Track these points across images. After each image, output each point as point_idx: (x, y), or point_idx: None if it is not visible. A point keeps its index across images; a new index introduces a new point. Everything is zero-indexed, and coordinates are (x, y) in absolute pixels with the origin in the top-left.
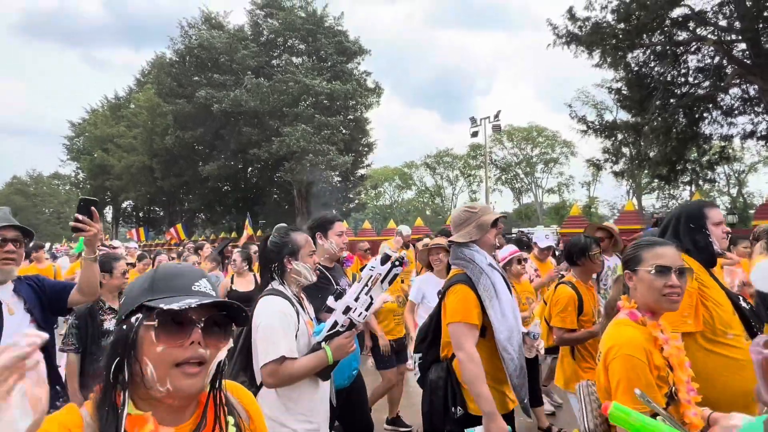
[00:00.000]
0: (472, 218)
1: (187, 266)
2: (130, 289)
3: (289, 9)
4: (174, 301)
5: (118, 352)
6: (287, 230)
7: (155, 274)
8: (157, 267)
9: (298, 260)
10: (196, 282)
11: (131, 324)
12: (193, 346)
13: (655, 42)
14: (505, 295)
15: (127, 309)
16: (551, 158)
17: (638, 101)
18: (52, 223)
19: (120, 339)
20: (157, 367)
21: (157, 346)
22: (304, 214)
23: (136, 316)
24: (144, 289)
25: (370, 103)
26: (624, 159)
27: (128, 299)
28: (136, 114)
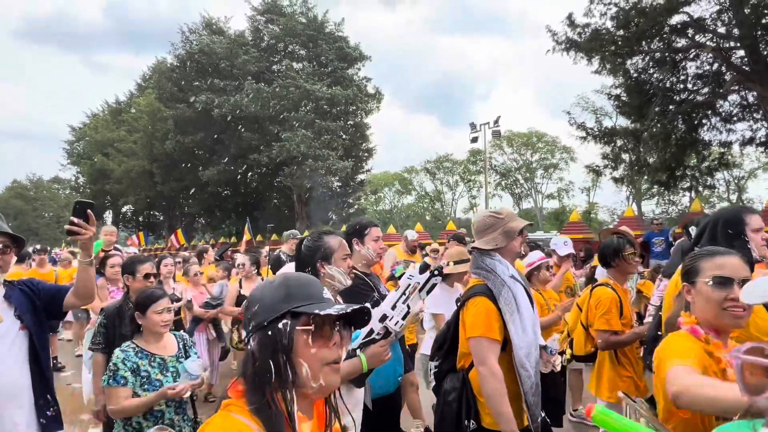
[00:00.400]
0: (497, 224)
1: (311, 277)
2: (260, 296)
3: (290, 15)
4: (322, 308)
5: (275, 355)
6: (320, 234)
7: (288, 282)
8: (286, 276)
9: (332, 264)
10: (323, 290)
11: (280, 329)
12: (336, 347)
13: (654, 49)
14: (527, 310)
15: (269, 315)
16: (551, 164)
17: (637, 107)
18: (52, 228)
19: (272, 343)
20: (312, 367)
21: (312, 348)
22: (303, 219)
23: (283, 321)
24: (282, 296)
25: (370, 109)
26: (623, 165)
27: (264, 306)
28: (136, 118)
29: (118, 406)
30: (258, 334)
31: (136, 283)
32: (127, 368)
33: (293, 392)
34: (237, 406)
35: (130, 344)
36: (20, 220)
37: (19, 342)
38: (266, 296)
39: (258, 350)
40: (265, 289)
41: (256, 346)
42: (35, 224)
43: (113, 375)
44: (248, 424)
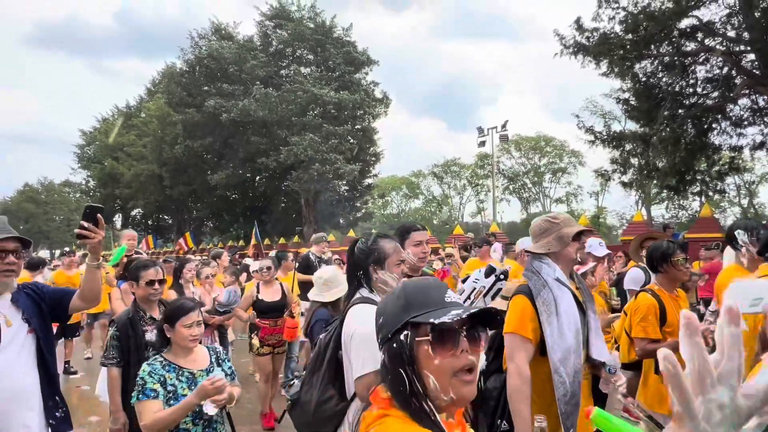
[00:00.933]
0: (552, 229)
1: (432, 279)
2: (384, 307)
3: (298, 20)
4: (439, 315)
5: (402, 368)
6: (375, 237)
7: (406, 290)
8: (405, 284)
9: (385, 269)
10: (446, 294)
11: (402, 341)
12: (464, 355)
13: (663, 52)
14: (569, 314)
15: (391, 327)
16: (559, 168)
17: (646, 111)
18: (63, 231)
19: (397, 356)
20: (438, 379)
21: (434, 359)
22: (311, 222)
23: (404, 333)
24: (401, 306)
25: (377, 113)
26: (632, 169)
27: (387, 318)
28: (146, 123)
29: (151, 420)
30: (385, 346)
31: (140, 291)
32: (155, 380)
33: (428, 403)
34: (394, 413)
35: (157, 357)
36: (31, 223)
37: (28, 345)
38: (388, 307)
39: (388, 362)
40: (388, 299)
41: (386, 358)
42: (46, 227)
43: (141, 389)
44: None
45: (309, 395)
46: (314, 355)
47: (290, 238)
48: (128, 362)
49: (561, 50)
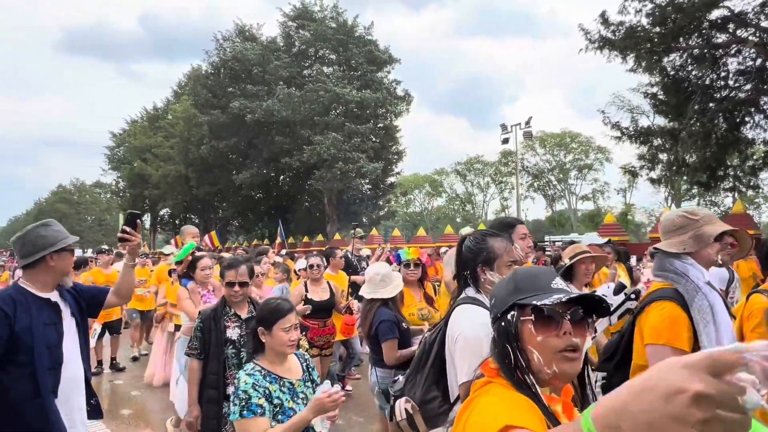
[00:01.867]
0: (690, 226)
1: (542, 268)
2: (497, 290)
3: (321, 20)
4: (542, 298)
5: (508, 344)
6: (484, 235)
7: (516, 275)
8: (517, 270)
9: (494, 270)
10: (553, 281)
11: (509, 320)
12: (566, 336)
13: (692, 45)
14: (725, 324)
15: (501, 308)
16: (585, 164)
17: (675, 106)
18: (95, 230)
19: (504, 333)
20: (542, 354)
21: (537, 336)
22: (334, 221)
23: (511, 313)
24: (510, 289)
25: (399, 111)
26: (661, 165)
27: (498, 299)
28: (173, 124)
29: None
30: (495, 324)
31: (222, 291)
32: (260, 394)
33: (530, 376)
34: (499, 382)
35: (255, 366)
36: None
37: (76, 337)
38: (500, 290)
39: (497, 338)
40: (500, 283)
41: (495, 334)
42: (78, 227)
43: (246, 405)
44: (516, 395)
45: (412, 393)
46: (418, 353)
47: (314, 237)
48: (207, 356)
49: (586, 45)
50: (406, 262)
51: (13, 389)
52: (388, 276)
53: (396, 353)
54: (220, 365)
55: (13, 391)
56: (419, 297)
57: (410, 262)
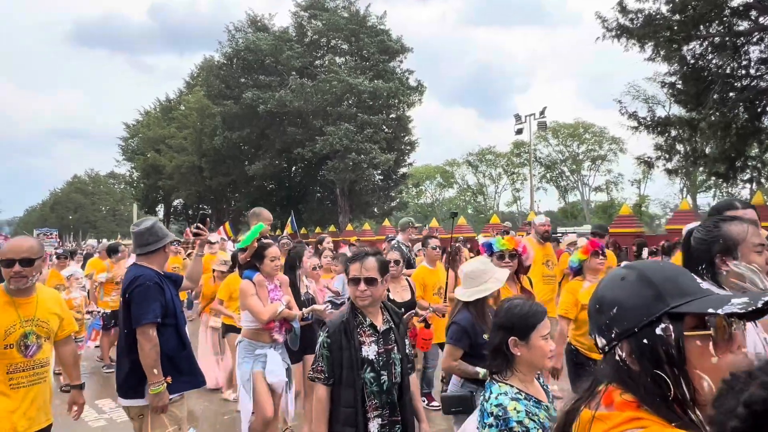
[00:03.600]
0: None
1: (673, 265)
2: (615, 296)
3: (333, 10)
4: (713, 304)
5: (661, 368)
6: (716, 222)
7: (648, 275)
8: (641, 269)
9: (738, 259)
10: (696, 280)
11: (660, 336)
12: (740, 351)
13: (713, 33)
14: None
15: (639, 320)
16: (598, 155)
17: (694, 95)
18: (108, 220)
19: (652, 353)
20: (715, 379)
21: (712, 356)
22: (346, 212)
23: (661, 326)
24: (650, 294)
25: (412, 102)
26: (678, 156)
27: (627, 309)
28: (186, 115)
29: None
30: (628, 341)
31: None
32: (537, 425)
33: (697, 412)
34: (649, 417)
35: (510, 388)
36: (80, 213)
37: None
38: (625, 295)
39: (634, 361)
40: (616, 286)
41: (628, 356)
42: (93, 217)
43: None
44: None
45: None
46: None
47: (326, 228)
48: (338, 380)
49: (603, 34)
50: (500, 253)
51: (167, 344)
52: (473, 275)
53: (453, 362)
54: (357, 394)
55: (167, 345)
56: (516, 291)
57: (504, 253)
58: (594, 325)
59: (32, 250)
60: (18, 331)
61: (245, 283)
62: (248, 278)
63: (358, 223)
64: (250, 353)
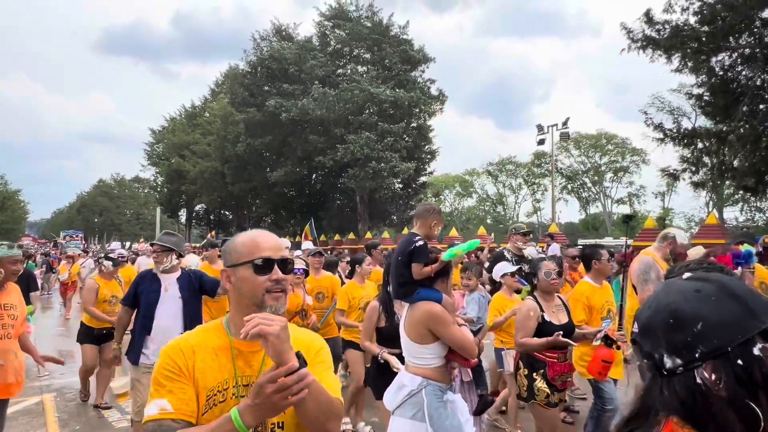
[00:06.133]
0: None
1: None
2: (695, 310)
3: (356, 20)
4: None
5: (758, 392)
6: None
7: (730, 288)
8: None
9: None
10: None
11: (757, 357)
12: None
13: (742, 44)
14: None
15: (731, 338)
16: (621, 167)
17: (723, 107)
18: (132, 224)
19: (745, 378)
20: None
21: None
22: (366, 220)
23: (758, 346)
24: (739, 309)
25: (433, 111)
26: (704, 169)
27: (713, 326)
28: (210, 122)
29: None
30: (715, 363)
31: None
32: None
33: None
34: None
35: None
36: (105, 216)
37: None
38: (711, 311)
39: (723, 386)
40: (692, 299)
41: (711, 379)
42: (117, 221)
43: None
44: None
45: None
46: None
47: (345, 235)
48: None
49: (628, 45)
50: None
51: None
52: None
53: None
54: None
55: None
56: None
57: None
58: (663, 342)
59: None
60: None
61: (439, 308)
62: (436, 300)
63: (377, 231)
64: (441, 401)
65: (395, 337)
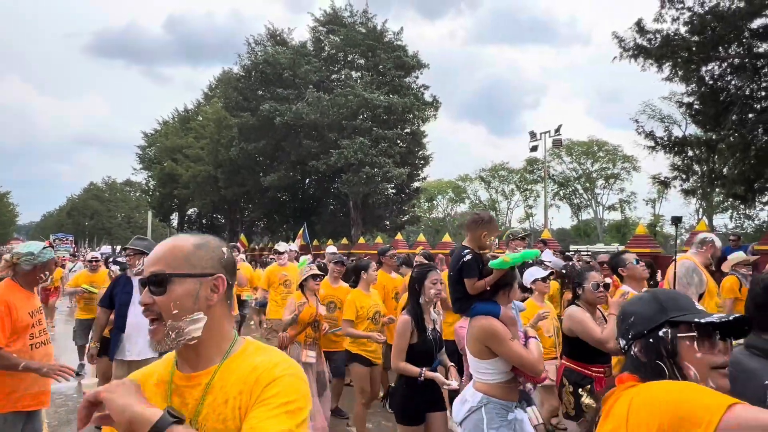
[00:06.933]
0: None
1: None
2: (634, 310)
3: (351, 25)
4: (702, 317)
5: (660, 360)
6: None
7: (657, 296)
8: (653, 291)
9: None
10: (694, 302)
11: (660, 337)
12: (720, 354)
13: (732, 54)
14: None
15: (647, 325)
16: (612, 174)
17: (713, 116)
18: (123, 227)
19: (655, 349)
20: (699, 370)
21: (696, 353)
22: (359, 225)
23: (662, 330)
24: (656, 308)
25: (426, 117)
26: (695, 176)
27: (639, 318)
28: (203, 126)
29: None
30: (640, 341)
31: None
32: None
33: None
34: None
35: None
36: (95, 220)
37: None
38: (640, 309)
39: (643, 355)
40: (633, 303)
41: (639, 351)
42: (108, 224)
43: None
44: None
45: None
46: None
47: (338, 240)
48: None
49: (620, 53)
50: None
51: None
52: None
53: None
54: None
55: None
56: None
57: None
58: (620, 330)
59: None
60: None
61: (494, 323)
62: (493, 314)
63: (370, 237)
64: (503, 419)
65: (429, 354)
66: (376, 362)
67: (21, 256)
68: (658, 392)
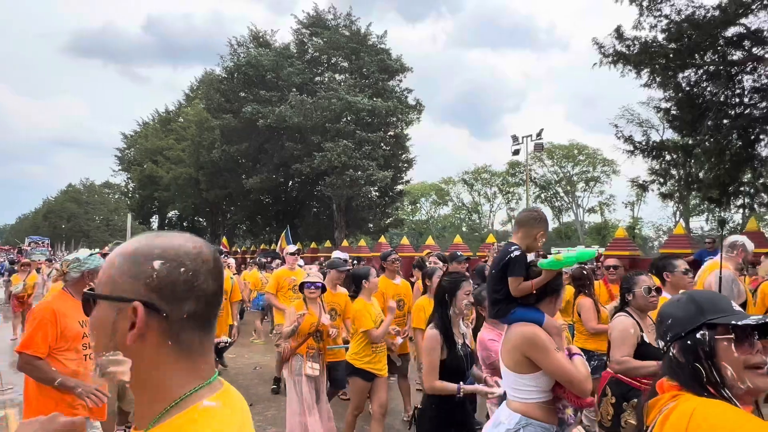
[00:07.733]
0: None
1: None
2: (671, 312)
3: (334, 28)
4: (738, 318)
5: (698, 361)
6: None
7: (695, 298)
8: (691, 293)
9: None
10: (732, 304)
11: (698, 339)
12: (758, 354)
13: (707, 61)
14: None
15: (685, 327)
16: (592, 177)
17: (689, 121)
18: (102, 230)
19: (693, 351)
20: (736, 370)
21: (734, 353)
22: (342, 227)
23: (700, 332)
24: (693, 310)
25: (410, 120)
26: (672, 180)
27: (677, 320)
28: (185, 128)
29: None
30: (677, 343)
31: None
32: None
33: (726, 390)
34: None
35: None
36: (73, 222)
37: None
38: (678, 311)
39: (682, 356)
40: (671, 306)
41: (678, 353)
42: (86, 227)
43: None
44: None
45: None
46: None
47: (322, 243)
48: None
49: (600, 60)
50: None
51: None
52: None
53: None
54: None
55: None
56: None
57: None
58: (659, 333)
59: None
60: None
61: (537, 331)
62: (536, 321)
63: (354, 239)
64: None
65: (461, 372)
66: (381, 375)
67: (69, 264)
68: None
